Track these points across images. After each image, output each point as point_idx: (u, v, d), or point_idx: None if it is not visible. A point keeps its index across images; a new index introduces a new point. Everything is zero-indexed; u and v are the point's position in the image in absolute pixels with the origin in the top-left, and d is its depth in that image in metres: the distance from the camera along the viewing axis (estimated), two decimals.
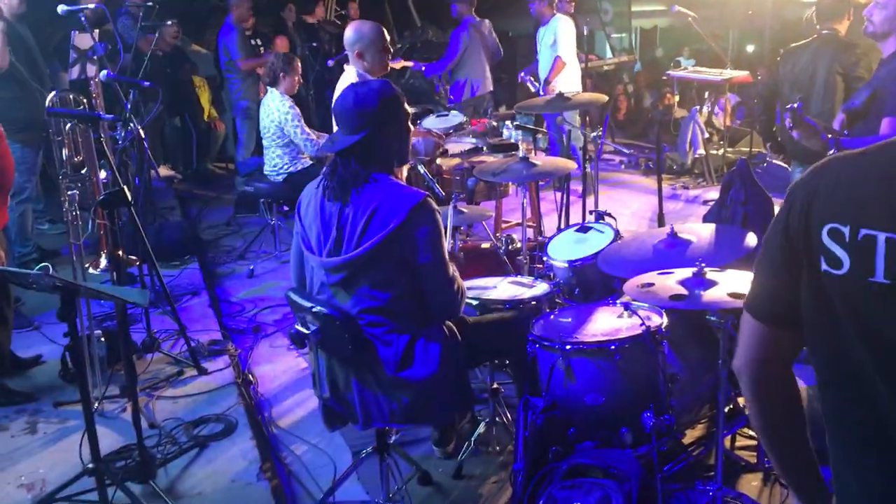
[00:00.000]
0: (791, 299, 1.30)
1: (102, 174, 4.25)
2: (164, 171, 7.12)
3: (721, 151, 7.68)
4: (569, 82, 7.10)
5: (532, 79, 7.10)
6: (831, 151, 3.01)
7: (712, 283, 2.56)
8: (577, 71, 7.35)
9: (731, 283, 2.56)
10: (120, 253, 3.20)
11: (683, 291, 2.54)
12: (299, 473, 3.35)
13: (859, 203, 1.18)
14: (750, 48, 10.18)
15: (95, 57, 4.50)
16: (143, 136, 4.34)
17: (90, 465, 2.91)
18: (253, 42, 7.95)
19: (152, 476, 3.12)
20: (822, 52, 4.54)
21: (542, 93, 6.88)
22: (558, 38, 7.09)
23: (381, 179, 2.63)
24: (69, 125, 3.74)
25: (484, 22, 7.55)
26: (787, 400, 1.44)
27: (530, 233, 5.19)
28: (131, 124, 4.42)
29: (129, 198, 3.10)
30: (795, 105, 3.03)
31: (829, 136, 3.01)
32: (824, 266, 1.21)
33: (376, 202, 2.57)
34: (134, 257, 4.42)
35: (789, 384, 1.43)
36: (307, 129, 5.59)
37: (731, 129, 7.96)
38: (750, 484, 3.07)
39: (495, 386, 3.34)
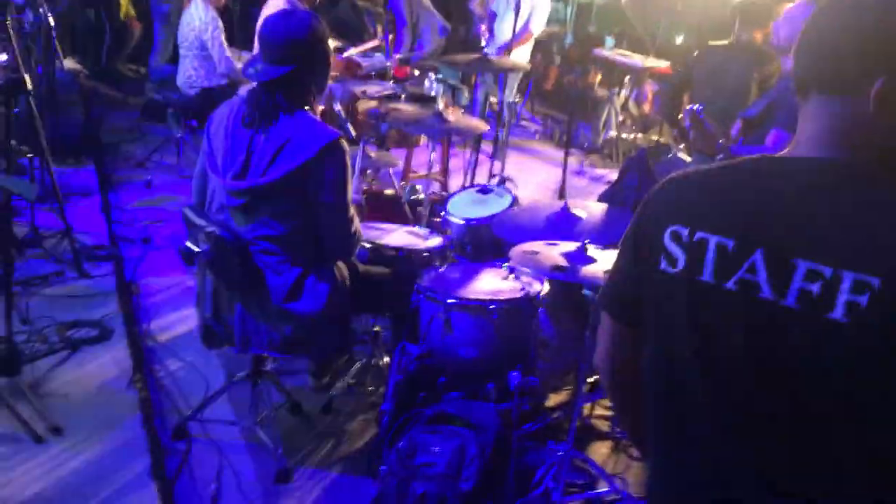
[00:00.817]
0: (636, 298, 1.37)
1: (3, 57, 4.05)
2: (70, 63, 6.78)
3: (632, 136, 7.91)
4: (523, 54, 7.10)
5: (485, 32, 6.99)
6: (719, 157, 3.18)
7: (592, 260, 2.70)
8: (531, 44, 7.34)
9: (609, 262, 2.70)
10: (12, 142, 3.09)
11: (564, 263, 2.67)
12: (170, 389, 3.37)
13: (700, 209, 1.26)
14: (679, 39, 10.42)
15: None
16: (51, 23, 4.14)
17: None
18: None
19: (17, 371, 3.09)
20: (737, 57, 4.73)
21: (492, 53, 6.88)
22: (535, 12, 7.03)
23: (298, 114, 2.64)
24: None
25: None
26: (638, 388, 1.50)
27: (436, 186, 5.27)
28: (41, 9, 4.22)
29: (29, 86, 2.99)
30: (696, 107, 3.18)
31: (721, 142, 3.17)
32: (662, 265, 1.28)
33: (288, 134, 2.59)
34: (26, 148, 4.26)
35: (634, 378, 1.49)
36: (225, 45, 5.45)
37: (645, 116, 8.19)
38: (599, 450, 3.28)
39: (376, 329, 3.43)
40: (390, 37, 7.00)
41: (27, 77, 3.03)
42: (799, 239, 1.14)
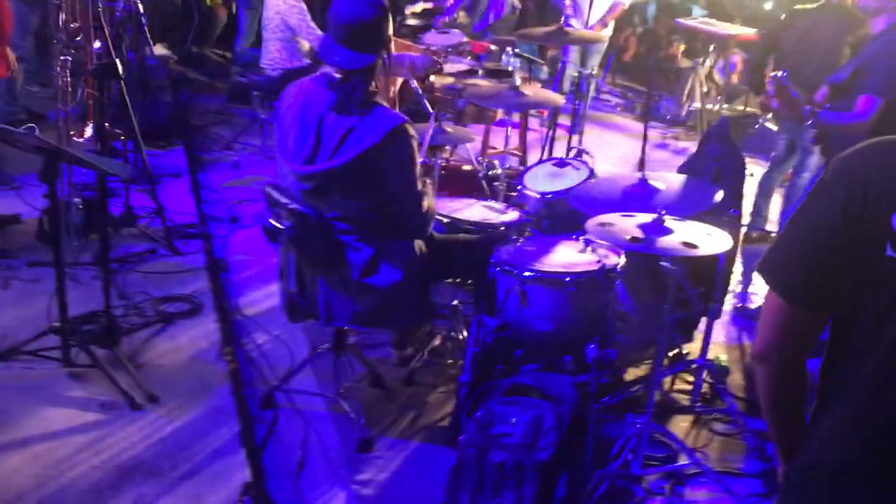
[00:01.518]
0: (833, 282, 1.29)
1: (97, 44, 4.24)
2: (159, 49, 7.02)
3: (717, 107, 7.71)
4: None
5: (569, 6, 6.88)
6: (808, 123, 3.08)
7: (669, 231, 2.66)
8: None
9: (687, 233, 2.67)
10: (106, 125, 3.24)
11: (640, 235, 2.64)
12: (258, 360, 3.49)
13: None
14: (768, 5, 10.06)
15: None
16: (141, 10, 4.31)
17: (57, 324, 3.04)
18: None
19: (116, 343, 3.25)
20: (827, 20, 4.57)
21: (574, 25, 6.81)
22: None
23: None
24: None
25: None
26: (802, 386, 1.45)
27: (514, 161, 5.26)
28: None
29: (121, 72, 3.13)
30: (780, 74, 3.07)
31: (808, 108, 3.06)
32: (890, 251, 1.21)
33: (356, 119, 2.63)
34: (120, 131, 4.46)
35: (804, 369, 1.44)
36: (312, 24, 5.53)
37: (730, 86, 7.96)
38: (679, 424, 3.26)
39: (455, 303, 3.47)
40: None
41: (119, 63, 3.17)
42: None
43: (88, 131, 4.44)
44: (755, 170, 6.29)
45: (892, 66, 3.18)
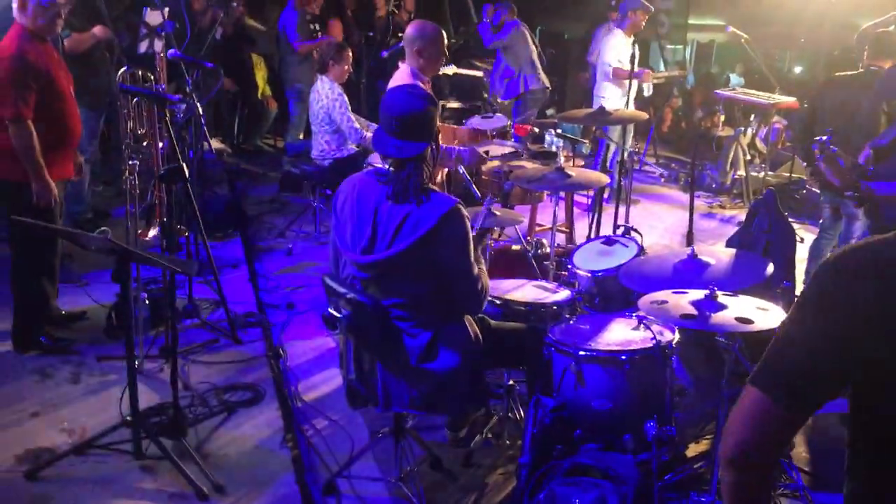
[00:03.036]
0: (835, 384, 1.30)
1: (160, 144, 4.48)
2: (215, 143, 7.35)
3: (762, 174, 7.73)
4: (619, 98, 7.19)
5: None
6: (847, 193, 3.11)
7: (722, 307, 2.69)
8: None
9: (740, 308, 2.69)
10: (173, 225, 3.42)
11: (694, 311, 2.67)
12: (319, 446, 3.55)
13: None
14: (798, 70, 10.16)
15: (163, 33, 4.74)
16: (201, 112, 4.56)
17: (128, 418, 3.15)
18: (312, 26, 8.16)
19: (184, 434, 3.35)
20: (865, 88, 4.62)
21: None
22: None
23: None
24: (136, 99, 3.98)
25: (526, 26, 7.81)
26: (766, 492, 1.46)
27: (562, 238, 5.34)
28: (191, 100, 4.65)
29: (187, 174, 3.31)
30: (825, 138, 3.13)
31: (853, 177, 3.11)
32: None
33: (410, 206, 2.74)
34: (184, 228, 4.66)
35: (770, 475, 1.46)
36: (352, 118, 5.76)
37: (774, 152, 7.99)
38: None
39: (511, 383, 3.50)
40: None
41: (185, 165, 3.36)
42: None
43: (153, 231, 4.65)
44: (805, 235, 6.28)
45: None
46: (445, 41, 4.18)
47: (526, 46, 7.75)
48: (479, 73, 8.32)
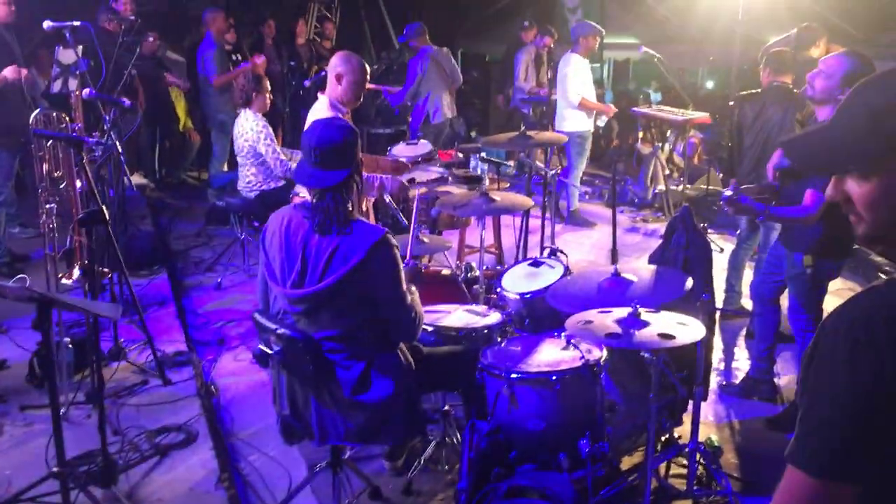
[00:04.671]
0: (882, 447, 1.26)
1: (78, 184, 4.39)
2: (136, 178, 7.23)
3: (681, 188, 7.98)
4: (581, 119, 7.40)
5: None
6: (760, 219, 3.31)
7: (645, 324, 2.78)
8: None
9: (663, 325, 2.79)
10: (95, 267, 3.35)
11: (618, 330, 2.75)
12: (256, 484, 3.51)
13: None
14: (710, 85, 10.53)
15: (77, 72, 4.66)
16: (120, 150, 4.48)
17: (55, 469, 3.05)
18: (234, 57, 8.10)
19: (114, 482, 3.26)
20: (773, 103, 4.84)
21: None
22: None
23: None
24: (51, 142, 3.90)
25: (441, 50, 7.77)
26: None
27: (492, 259, 5.40)
28: (109, 138, 4.57)
29: (107, 217, 3.26)
30: (728, 192, 3.41)
31: (762, 206, 3.36)
32: None
33: (338, 239, 2.76)
34: (106, 269, 4.56)
35: None
36: (278, 149, 5.74)
37: (691, 166, 8.26)
38: None
39: (446, 408, 3.53)
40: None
41: (104, 209, 3.30)
42: None
43: (76, 273, 4.53)
44: (724, 245, 6.51)
45: None
46: (368, 75, 4.21)
47: (434, 79, 7.78)
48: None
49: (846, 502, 1.28)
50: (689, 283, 3.19)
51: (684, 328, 2.77)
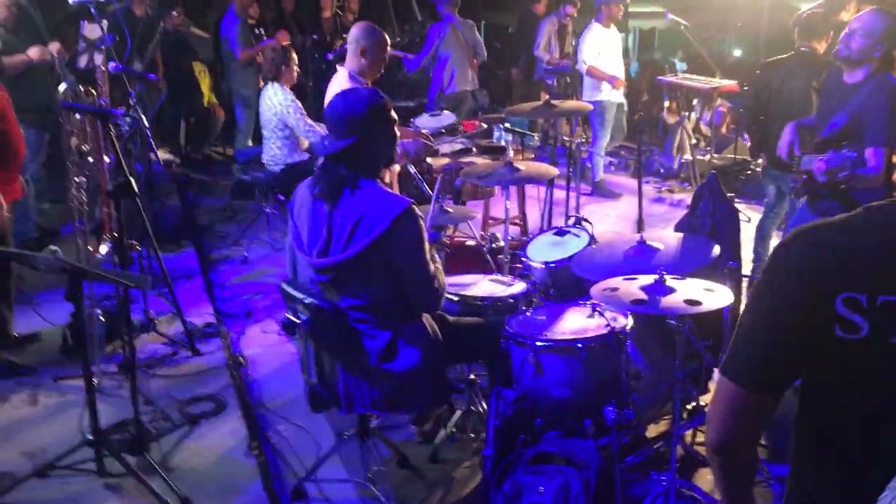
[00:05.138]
0: (787, 365, 1.38)
1: (106, 159, 4.43)
2: (162, 154, 7.25)
3: (708, 157, 7.89)
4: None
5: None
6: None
7: (671, 290, 2.76)
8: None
9: (689, 291, 2.77)
10: (125, 240, 3.39)
11: (644, 297, 2.74)
12: (284, 452, 3.56)
13: (869, 272, 1.28)
14: (737, 53, 10.37)
15: (103, 47, 4.68)
16: (146, 124, 4.52)
17: (89, 437, 3.13)
18: (257, 31, 8.09)
19: (146, 449, 3.33)
20: (798, 70, 4.75)
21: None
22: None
23: (368, 185, 2.81)
24: (80, 116, 3.93)
25: (466, 22, 7.81)
26: (753, 467, 1.54)
27: (516, 230, 5.40)
28: (135, 112, 4.61)
29: (135, 188, 3.29)
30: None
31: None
32: (839, 333, 1.30)
33: (362, 209, 2.77)
34: (135, 241, 4.62)
35: (755, 452, 1.53)
36: (309, 121, 5.72)
37: (718, 135, 8.16)
38: (705, 477, 3.29)
39: (472, 377, 3.55)
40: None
41: (132, 181, 3.34)
42: None
43: (104, 247, 4.59)
44: (752, 215, 6.44)
45: (885, 118, 3.34)
46: (389, 47, 4.20)
47: (454, 49, 7.79)
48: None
49: (767, 409, 1.42)
50: (717, 250, 3.17)
51: (711, 294, 2.76)
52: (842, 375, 1.34)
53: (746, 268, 4.87)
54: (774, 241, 5.20)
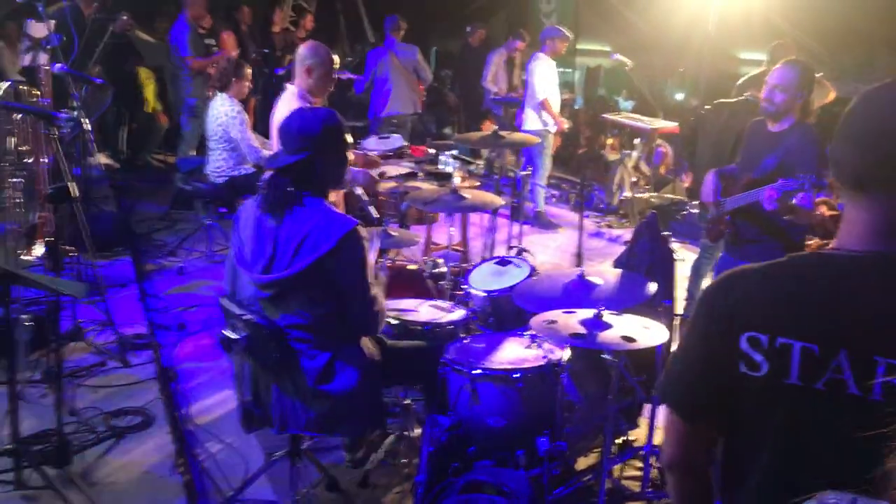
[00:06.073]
0: (706, 398, 1.45)
1: (44, 160, 4.32)
2: (102, 159, 7.10)
3: (647, 195, 8.08)
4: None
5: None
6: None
7: (608, 326, 2.82)
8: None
9: (626, 327, 2.83)
10: (59, 245, 3.30)
11: (582, 330, 2.80)
12: (212, 471, 3.47)
13: (777, 314, 1.36)
14: (679, 96, 10.68)
15: (48, 47, 4.58)
16: (89, 127, 4.41)
17: (9, 446, 3.02)
18: (206, 42, 8.01)
19: (68, 462, 3.23)
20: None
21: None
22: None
23: (315, 204, 2.81)
24: (20, 115, 3.83)
25: (409, 46, 8.08)
26: (707, 490, 1.57)
27: (458, 257, 5.43)
28: (77, 114, 4.50)
29: (75, 193, 3.22)
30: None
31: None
32: (742, 369, 1.38)
33: (309, 226, 2.76)
34: (72, 248, 4.49)
35: (708, 473, 1.56)
36: (251, 136, 5.70)
37: (657, 175, 8.37)
38: None
39: (407, 402, 3.55)
40: None
41: (72, 185, 3.26)
42: (878, 338, 1.27)
43: (37, 249, 4.47)
44: (686, 255, 6.61)
45: (815, 158, 3.50)
46: (336, 66, 4.22)
47: (394, 74, 7.93)
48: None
49: (705, 436, 1.49)
50: (653, 288, 3.25)
51: (647, 332, 2.83)
52: (750, 411, 1.41)
53: (679, 307, 5.00)
54: (707, 281, 5.35)
